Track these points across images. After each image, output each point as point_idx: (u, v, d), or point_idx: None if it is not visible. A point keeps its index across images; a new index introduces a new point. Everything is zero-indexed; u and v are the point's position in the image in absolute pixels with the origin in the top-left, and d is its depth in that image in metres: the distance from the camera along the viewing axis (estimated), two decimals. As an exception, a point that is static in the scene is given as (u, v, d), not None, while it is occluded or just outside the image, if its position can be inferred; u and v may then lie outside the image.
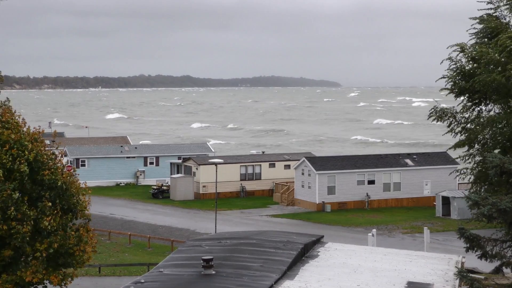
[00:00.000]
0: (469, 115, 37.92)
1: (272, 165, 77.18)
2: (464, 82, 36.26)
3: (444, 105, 39.18)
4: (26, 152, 24.74)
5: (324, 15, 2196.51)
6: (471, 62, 36.20)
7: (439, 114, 38.39)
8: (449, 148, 40.22)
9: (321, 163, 67.94)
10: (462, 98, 37.78)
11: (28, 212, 24.17)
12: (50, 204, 24.71)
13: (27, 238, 24.10)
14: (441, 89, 38.62)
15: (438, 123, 39.55)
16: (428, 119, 39.89)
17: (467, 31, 37.31)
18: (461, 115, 38.06)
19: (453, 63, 36.79)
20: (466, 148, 38.33)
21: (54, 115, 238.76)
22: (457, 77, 36.71)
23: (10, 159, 24.41)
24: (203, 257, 19.37)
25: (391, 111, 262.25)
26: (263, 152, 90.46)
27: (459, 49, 36.40)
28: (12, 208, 23.86)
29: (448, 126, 38.45)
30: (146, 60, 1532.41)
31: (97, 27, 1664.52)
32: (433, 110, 38.83)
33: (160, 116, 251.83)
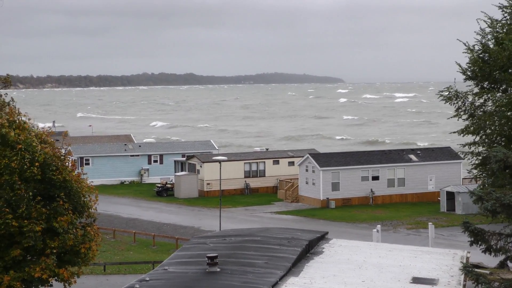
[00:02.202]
0: (478, 103, 37.88)
1: (276, 162, 77.17)
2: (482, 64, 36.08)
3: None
4: (37, 154, 24.84)
5: (315, 12, 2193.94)
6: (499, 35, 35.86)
7: (449, 96, 38.25)
8: (455, 132, 39.90)
9: (325, 159, 67.91)
10: (472, 82, 37.72)
11: (42, 209, 24.37)
12: (66, 206, 24.93)
13: (39, 235, 24.27)
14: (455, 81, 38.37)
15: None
16: (438, 97, 39.62)
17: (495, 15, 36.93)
18: (469, 102, 38.00)
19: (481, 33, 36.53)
20: (470, 136, 38.36)
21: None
22: (479, 58, 36.53)
23: (21, 162, 24.48)
24: (207, 255, 19.39)
25: (357, 108, 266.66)
26: (267, 149, 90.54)
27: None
28: (24, 207, 23.99)
29: (456, 111, 38.41)
30: (149, 59, 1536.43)
31: (91, 26, 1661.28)
32: (445, 89, 38.48)
33: (125, 114, 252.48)
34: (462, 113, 38.31)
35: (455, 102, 38.11)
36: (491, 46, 36.55)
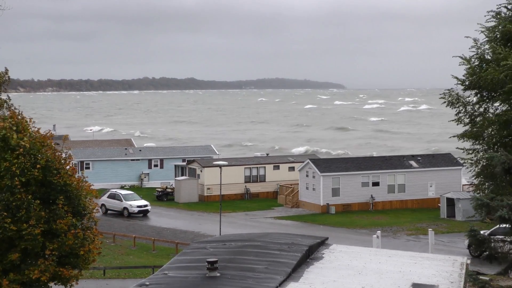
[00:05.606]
0: (478, 109, 37.84)
1: (276, 167, 77.19)
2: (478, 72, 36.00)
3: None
4: (39, 157, 24.85)
5: (299, 18, 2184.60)
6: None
7: (451, 100, 38.21)
8: (454, 136, 39.90)
9: (326, 165, 67.93)
10: (472, 92, 37.67)
11: (41, 213, 24.37)
12: (66, 208, 24.93)
13: (39, 238, 24.26)
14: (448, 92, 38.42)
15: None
16: (442, 102, 39.60)
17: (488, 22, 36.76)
18: (471, 107, 37.95)
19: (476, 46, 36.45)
20: (470, 141, 38.31)
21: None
22: (475, 68, 36.45)
23: (22, 166, 24.50)
24: (207, 259, 19.34)
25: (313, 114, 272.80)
26: (267, 154, 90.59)
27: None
28: (24, 211, 24.00)
29: (456, 115, 38.39)
30: (148, 63, 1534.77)
31: (76, 31, 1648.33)
32: (448, 93, 38.45)
33: (73, 119, 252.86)
34: (463, 117, 38.31)
35: (457, 106, 38.12)
36: (488, 57, 36.46)
